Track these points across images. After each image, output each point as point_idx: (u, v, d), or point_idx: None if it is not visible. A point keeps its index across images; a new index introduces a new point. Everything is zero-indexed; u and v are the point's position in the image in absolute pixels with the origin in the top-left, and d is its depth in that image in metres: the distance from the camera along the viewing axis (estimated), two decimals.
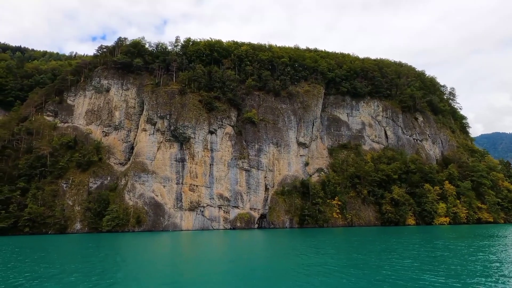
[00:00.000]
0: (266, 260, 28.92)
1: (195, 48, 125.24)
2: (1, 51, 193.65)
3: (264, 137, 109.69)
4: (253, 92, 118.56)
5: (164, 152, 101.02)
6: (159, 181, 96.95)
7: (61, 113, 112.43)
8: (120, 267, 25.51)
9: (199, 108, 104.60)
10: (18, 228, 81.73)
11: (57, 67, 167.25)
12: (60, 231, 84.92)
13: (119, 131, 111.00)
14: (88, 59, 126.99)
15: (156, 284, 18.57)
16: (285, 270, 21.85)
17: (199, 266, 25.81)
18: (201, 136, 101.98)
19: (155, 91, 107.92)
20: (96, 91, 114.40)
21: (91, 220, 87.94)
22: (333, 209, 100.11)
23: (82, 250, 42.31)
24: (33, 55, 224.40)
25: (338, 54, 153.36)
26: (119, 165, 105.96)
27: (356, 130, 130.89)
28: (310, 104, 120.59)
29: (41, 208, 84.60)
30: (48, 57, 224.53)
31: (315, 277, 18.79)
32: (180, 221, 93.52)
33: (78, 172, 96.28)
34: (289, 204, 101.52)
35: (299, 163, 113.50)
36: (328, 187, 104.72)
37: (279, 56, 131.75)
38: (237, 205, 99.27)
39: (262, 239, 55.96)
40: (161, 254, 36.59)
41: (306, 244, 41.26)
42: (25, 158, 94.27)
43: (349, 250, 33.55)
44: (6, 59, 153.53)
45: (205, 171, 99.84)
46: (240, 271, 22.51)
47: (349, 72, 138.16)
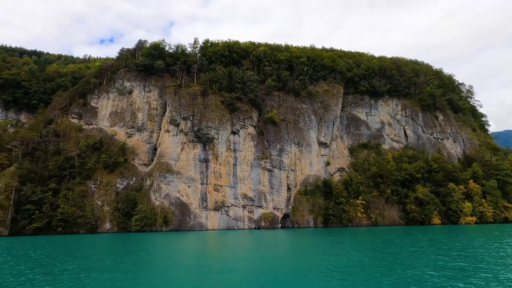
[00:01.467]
0: (303, 258, 29.02)
1: (214, 50, 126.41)
2: (18, 55, 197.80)
3: (285, 137, 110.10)
4: (273, 92, 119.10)
5: (187, 153, 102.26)
6: (183, 181, 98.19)
7: (85, 115, 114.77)
8: (159, 265, 26.45)
9: (221, 109, 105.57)
10: (52, 227, 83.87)
11: (76, 70, 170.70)
12: (91, 231, 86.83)
13: (142, 132, 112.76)
14: (110, 62, 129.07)
15: (189, 280, 19.45)
16: (318, 269, 21.84)
17: (235, 264, 26.25)
18: (224, 136, 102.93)
19: (177, 93, 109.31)
20: (119, 93, 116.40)
21: (120, 220, 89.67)
22: (357, 209, 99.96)
23: (124, 248, 43.38)
24: (48, 58, 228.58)
25: (354, 53, 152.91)
26: (143, 165, 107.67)
27: (375, 129, 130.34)
28: (330, 104, 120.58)
29: (73, 208, 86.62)
30: (63, 60, 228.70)
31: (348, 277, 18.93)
32: (205, 220, 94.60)
33: (105, 173, 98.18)
34: (312, 204, 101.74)
35: (320, 162, 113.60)
36: (351, 187, 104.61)
37: (297, 56, 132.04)
38: (260, 205, 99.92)
39: (293, 239, 56.30)
40: (193, 252, 37.24)
41: (340, 244, 41.50)
42: (55, 160, 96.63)
43: (395, 250, 33.69)
44: (29, 63, 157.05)
45: (228, 171, 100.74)
46: (273, 270, 22.71)
47: (367, 71, 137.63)
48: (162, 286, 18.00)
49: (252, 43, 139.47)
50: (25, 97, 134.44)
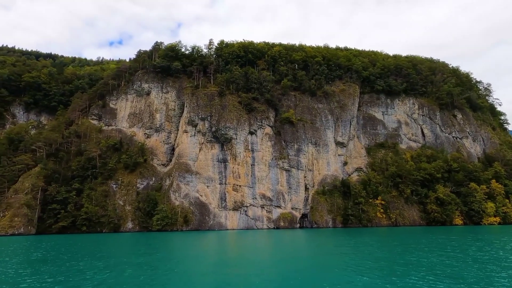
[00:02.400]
0: (327, 258, 28.98)
1: (229, 50, 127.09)
2: (35, 59, 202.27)
3: (302, 137, 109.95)
4: (289, 93, 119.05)
5: (206, 153, 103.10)
6: (202, 181, 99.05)
7: (104, 117, 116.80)
8: (184, 263, 27.00)
9: (239, 109, 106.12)
10: (76, 226, 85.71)
11: (92, 72, 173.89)
12: (114, 230, 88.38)
13: (160, 133, 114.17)
14: (127, 64, 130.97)
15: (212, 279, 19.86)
16: (343, 269, 21.90)
17: (264, 264, 26.39)
18: (242, 136, 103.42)
19: (194, 94, 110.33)
20: (137, 95, 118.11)
21: (142, 219, 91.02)
22: (376, 209, 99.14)
23: (155, 247, 44.09)
24: (63, 61, 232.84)
25: (369, 52, 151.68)
26: (162, 166, 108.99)
27: (392, 129, 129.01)
28: (346, 103, 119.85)
29: (96, 208, 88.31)
30: (77, 63, 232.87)
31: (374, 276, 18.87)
32: (225, 220, 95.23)
33: (126, 173, 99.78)
34: (330, 204, 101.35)
35: (338, 162, 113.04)
36: (369, 187, 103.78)
37: (312, 56, 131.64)
38: (279, 205, 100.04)
39: (318, 239, 56.21)
40: (215, 252, 37.62)
41: (364, 244, 41.25)
42: (77, 160, 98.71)
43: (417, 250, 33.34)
44: (47, 65, 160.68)
45: (247, 171, 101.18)
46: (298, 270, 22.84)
47: (383, 70, 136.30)
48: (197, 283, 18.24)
49: (266, 43, 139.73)
50: (45, 99, 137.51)
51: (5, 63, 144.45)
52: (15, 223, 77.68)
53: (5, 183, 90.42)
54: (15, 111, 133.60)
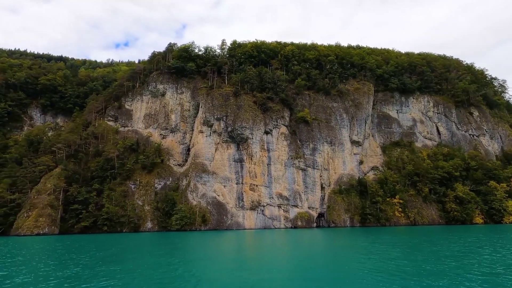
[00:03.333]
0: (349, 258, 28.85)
1: (242, 50, 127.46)
2: (46, 61, 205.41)
3: (318, 136, 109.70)
4: (303, 92, 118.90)
5: (222, 153, 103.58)
6: (219, 181, 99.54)
7: (121, 118, 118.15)
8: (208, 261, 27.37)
9: (254, 109, 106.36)
10: (98, 226, 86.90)
11: (105, 74, 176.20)
12: (134, 230, 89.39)
13: (175, 133, 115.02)
14: (142, 65, 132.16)
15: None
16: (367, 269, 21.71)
17: (291, 263, 26.46)
18: (258, 136, 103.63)
19: (209, 94, 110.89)
20: (152, 96, 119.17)
21: (161, 219, 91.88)
22: (394, 208, 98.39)
23: (185, 246, 44.50)
24: (74, 63, 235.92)
25: (382, 50, 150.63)
26: (178, 166, 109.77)
27: (407, 127, 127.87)
28: (361, 102, 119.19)
29: (116, 208, 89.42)
30: (88, 65, 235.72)
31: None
32: (242, 220, 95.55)
33: (143, 173, 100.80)
34: (348, 203, 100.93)
35: (354, 161, 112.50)
36: (386, 186, 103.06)
37: (325, 55, 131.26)
38: (296, 204, 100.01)
39: (337, 237, 56.03)
40: (236, 251, 37.87)
41: (387, 244, 40.91)
42: (96, 161, 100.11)
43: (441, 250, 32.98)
44: (62, 68, 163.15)
45: (263, 171, 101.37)
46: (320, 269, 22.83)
47: (397, 67, 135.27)
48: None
49: (278, 42, 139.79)
50: (61, 101, 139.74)
51: (22, 66, 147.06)
52: (40, 223, 79.18)
53: (27, 184, 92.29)
54: (32, 114, 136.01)
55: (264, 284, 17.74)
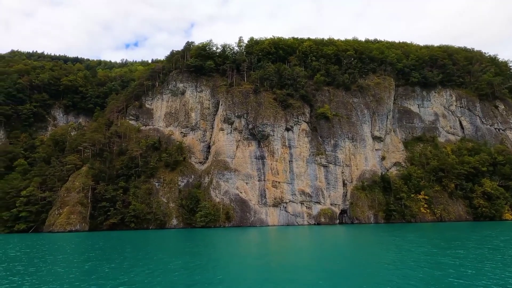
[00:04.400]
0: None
1: (260, 47, 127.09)
2: (63, 62, 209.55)
3: (339, 132, 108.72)
4: (322, 88, 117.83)
5: (243, 150, 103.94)
6: (241, 178, 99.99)
7: (142, 117, 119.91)
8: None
9: (275, 106, 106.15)
10: (125, 223, 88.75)
11: (123, 73, 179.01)
12: (160, 227, 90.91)
13: (195, 131, 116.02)
14: (161, 64, 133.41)
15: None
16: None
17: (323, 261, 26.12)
18: (279, 133, 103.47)
19: (229, 92, 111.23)
20: (172, 94, 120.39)
21: (185, 216, 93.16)
22: (420, 204, 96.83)
23: (213, 243, 44.89)
24: (89, 64, 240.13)
25: (401, 44, 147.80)
26: (199, 164, 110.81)
27: (429, 122, 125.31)
28: (382, 97, 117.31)
29: (142, 205, 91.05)
30: (103, 65, 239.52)
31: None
32: (265, 216, 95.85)
33: (167, 171, 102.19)
34: (371, 199, 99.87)
35: (376, 157, 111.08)
36: (410, 182, 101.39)
37: (343, 50, 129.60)
38: (318, 201, 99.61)
39: (364, 234, 55.36)
40: (267, 248, 37.61)
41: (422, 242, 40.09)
42: (120, 160, 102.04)
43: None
44: (81, 69, 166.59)
45: (285, 168, 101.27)
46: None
47: (418, 61, 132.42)
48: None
49: (295, 38, 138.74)
50: (82, 101, 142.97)
51: (44, 68, 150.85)
52: (72, 220, 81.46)
53: (56, 182, 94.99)
54: (56, 114, 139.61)
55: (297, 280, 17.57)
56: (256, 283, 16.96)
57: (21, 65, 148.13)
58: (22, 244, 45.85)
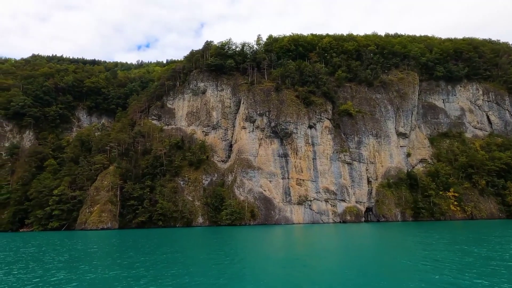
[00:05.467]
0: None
1: (280, 45, 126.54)
2: (82, 65, 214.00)
3: (362, 129, 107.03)
4: (344, 84, 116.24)
5: (266, 148, 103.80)
6: (265, 176, 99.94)
7: (164, 116, 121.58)
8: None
9: (297, 103, 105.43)
10: (153, 221, 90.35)
11: (141, 74, 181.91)
12: (186, 224, 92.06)
13: (217, 130, 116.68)
14: (182, 64, 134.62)
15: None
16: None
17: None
18: (302, 131, 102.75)
19: (251, 90, 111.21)
20: (193, 94, 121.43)
21: (211, 214, 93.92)
22: (449, 201, 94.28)
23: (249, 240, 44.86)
24: (107, 66, 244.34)
25: (423, 37, 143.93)
26: (221, 162, 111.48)
27: (455, 117, 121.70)
28: (406, 92, 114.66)
29: (169, 204, 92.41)
30: (120, 67, 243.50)
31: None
32: (290, 214, 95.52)
33: (191, 170, 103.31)
34: (397, 197, 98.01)
35: (401, 154, 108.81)
36: (438, 179, 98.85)
37: (364, 45, 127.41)
38: (343, 199, 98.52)
39: (397, 233, 54.02)
40: (296, 245, 37.22)
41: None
42: (146, 159, 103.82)
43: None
44: (102, 71, 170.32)
45: (309, 166, 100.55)
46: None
47: (442, 55, 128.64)
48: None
49: (314, 35, 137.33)
50: (105, 102, 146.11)
51: (67, 70, 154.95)
52: (103, 218, 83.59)
53: (85, 181, 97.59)
54: (80, 115, 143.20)
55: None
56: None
57: (46, 68, 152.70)
58: (78, 241, 47.31)
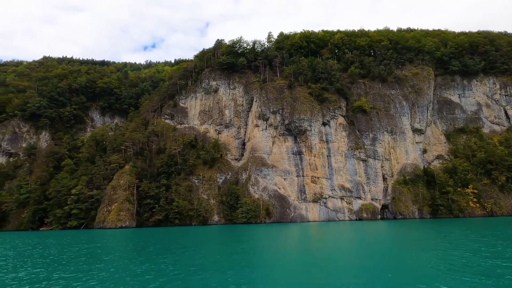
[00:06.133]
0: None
1: (291, 42, 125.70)
2: (94, 65, 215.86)
3: (377, 126, 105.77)
4: (357, 80, 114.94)
5: (280, 146, 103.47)
6: (279, 174, 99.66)
7: (176, 116, 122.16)
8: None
9: (310, 101, 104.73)
10: (169, 219, 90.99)
11: (152, 74, 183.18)
12: (202, 223, 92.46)
13: (229, 128, 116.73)
14: (193, 63, 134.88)
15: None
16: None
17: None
18: (316, 128, 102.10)
19: (263, 88, 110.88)
20: (206, 92, 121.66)
21: (226, 212, 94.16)
22: (468, 198, 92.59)
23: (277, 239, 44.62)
24: (116, 66, 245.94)
25: (437, 31, 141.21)
26: (235, 160, 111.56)
27: (471, 112, 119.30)
28: (422, 88, 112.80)
29: (185, 202, 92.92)
30: (129, 67, 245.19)
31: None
32: (306, 212, 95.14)
33: (205, 168, 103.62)
34: (414, 194, 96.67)
35: (417, 150, 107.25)
36: (456, 175, 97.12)
37: (377, 40, 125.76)
38: (359, 196, 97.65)
39: (418, 231, 53.03)
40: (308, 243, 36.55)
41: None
42: (160, 158, 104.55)
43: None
44: (114, 72, 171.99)
45: (323, 163, 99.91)
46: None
47: (457, 49, 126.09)
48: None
49: (326, 31, 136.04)
50: (117, 102, 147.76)
51: (80, 71, 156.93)
52: (121, 216, 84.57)
53: (102, 181, 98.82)
54: (93, 115, 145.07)
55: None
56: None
57: (59, 69, 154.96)
58: (112, 239, 47.90)
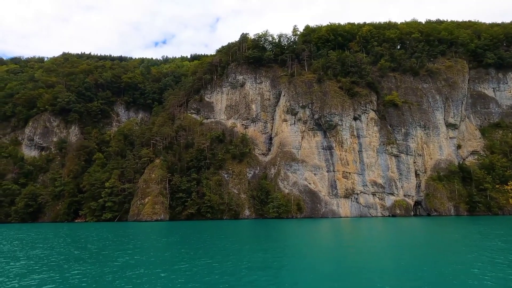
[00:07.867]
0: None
1: (318, 35, 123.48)
2: (111, 61, 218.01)
3: (409, 120, 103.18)
4: (387, 74, 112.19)
5: (309, 141, 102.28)
6: (309, 169, 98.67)
7: (203, 110, 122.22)
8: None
9: (341, 95, 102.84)
10: (201, 213, 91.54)
11: (173, 69, 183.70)
12: (234, 217, 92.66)
13: (256, 123, 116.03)
14: (218, 57, 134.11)
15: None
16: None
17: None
18: (347, 122, 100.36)
19: (291, 82, 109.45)
20: (232, 87, 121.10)
21: (257, 207, 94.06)
22: (507, 195, 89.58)
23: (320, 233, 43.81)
24: (134, 62, 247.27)
25: (469, 23, 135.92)
26: (262, 155, 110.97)
27: (507, 106, 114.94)
28: (456, 81, 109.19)
29: (216, 196, 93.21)
30: (147, 63, 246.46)
31: None
32: (337, 208, 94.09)
33: (234, 163, 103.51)
34: (450, 190, 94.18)
35: (450, 146, 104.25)
36: (494, 172, 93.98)
37: (407, 33, 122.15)
38: (392, 192, 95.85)
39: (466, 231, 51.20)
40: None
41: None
42: (189, 152, 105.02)
43: None
44: (137, 67, 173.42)
45: (355, 158, 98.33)
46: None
47: (492, 41, 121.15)
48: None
49: (353, 24, 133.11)
50: (141, 97, 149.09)
51: (104, 67, 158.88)
52: (156, 210, 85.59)
53: (133, 174, 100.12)
54: (118, 110, 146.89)
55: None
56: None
57: (85, 65, 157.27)
58: (168, 232, 48.36)
